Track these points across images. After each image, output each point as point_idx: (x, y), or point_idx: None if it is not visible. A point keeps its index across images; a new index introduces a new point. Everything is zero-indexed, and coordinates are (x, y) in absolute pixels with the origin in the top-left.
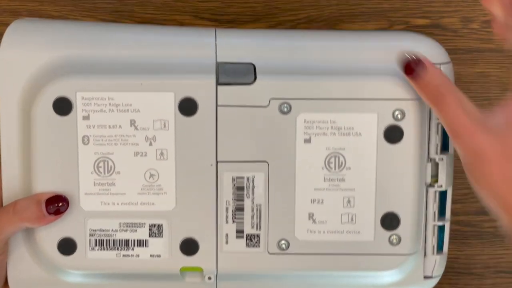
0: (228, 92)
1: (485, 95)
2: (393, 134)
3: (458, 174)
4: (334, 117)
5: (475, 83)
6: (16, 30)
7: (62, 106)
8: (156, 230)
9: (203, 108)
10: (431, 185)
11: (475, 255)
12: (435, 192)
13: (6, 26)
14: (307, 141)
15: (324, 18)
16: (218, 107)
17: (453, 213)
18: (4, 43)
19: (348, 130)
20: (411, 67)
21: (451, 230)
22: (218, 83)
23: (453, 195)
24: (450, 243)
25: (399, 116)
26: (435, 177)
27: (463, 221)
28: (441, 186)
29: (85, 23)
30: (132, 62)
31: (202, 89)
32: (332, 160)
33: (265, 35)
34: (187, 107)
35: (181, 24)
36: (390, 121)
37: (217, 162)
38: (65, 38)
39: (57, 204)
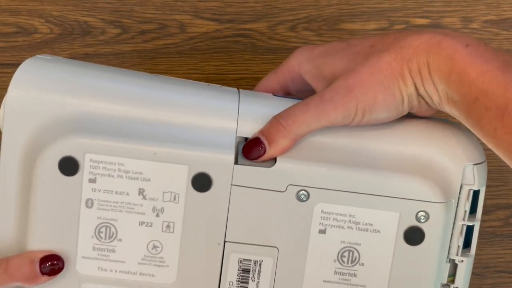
0: (245, 173)
1: None
2: (413, 236)
3: None
4: (353, 211)
5: None
6: (28, 71)
7: (69, 166)
8: None
9: (218, 186)
10: (447, 284)
11: (475, 254)
12: None
13: (6, 26)
14: (322, 231)
15: (324, 18)
16: (232, 186)
17: None
18: (13, 84)
19: (366, 226)
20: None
21: None
22: (236, 162)
23: None
24: None
25: (422, 218)
26: (452, 277)
27: None
28: (457, 287)
29: (105, 71)
30: (148, 127)
31: (219, 166)
32: (346, 254)
33: None
34: (201, 182)
35: (181, 23)
36: (413, 222)
37: (225, 241)
38: (81, 88)
39: (51, 264)
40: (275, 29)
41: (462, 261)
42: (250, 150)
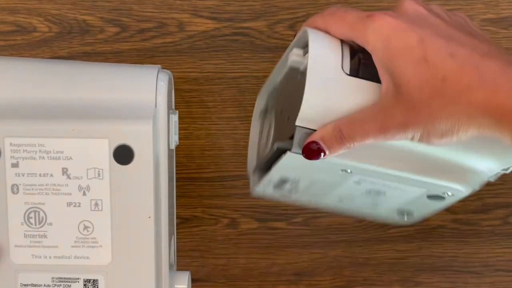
0: None
1: None
2: (123, 154)
3: None
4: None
5: None
6: None
7: None
8: (91, 286)
9: (140, 157)
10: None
11: (474, 253)
12: None
13: (5, 24)
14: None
15: None
16: None
17: (452, 211)
18: None
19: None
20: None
21: (450, 228)
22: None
23: None
24: (449, 241)
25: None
26: None
27: (462, 219)
28: None
29: (14, 60)
30: (64, 105)
31: (139, 136)
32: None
33: None
34: (123, 155)
35: (180, 22)
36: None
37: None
38: None
39: None
40: (274, 27)
41: None
42: (311, 155)
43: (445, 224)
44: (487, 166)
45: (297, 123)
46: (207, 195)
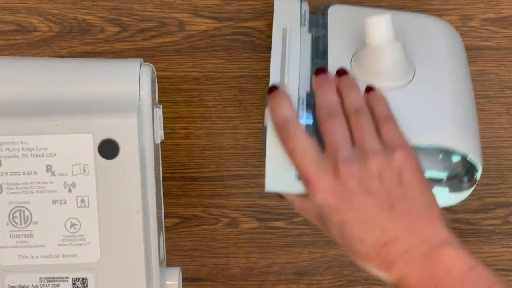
0: None
1: (484, 92)
2: (108, 148)
3: None
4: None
5: (474, 80)
6: None
7: None
8: (80, 285)
9: (125, 150)
10: None
11: (474, 253)
12: None
13: (5, 24)
14: None
15: None
16: None
17: (452, 211)
18: None
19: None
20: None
21: (450, 228)
22: None
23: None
24: None
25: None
26: None
27: (462, 219)
28: None
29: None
30: (45, 101)
31: (123, 129)
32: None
33: None
34: (108, 149)
35: (180, 22)
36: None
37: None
38: None
39: None
40: None
41: None
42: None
43: None
44: None
45: (266, 190)
46: (207, 195)
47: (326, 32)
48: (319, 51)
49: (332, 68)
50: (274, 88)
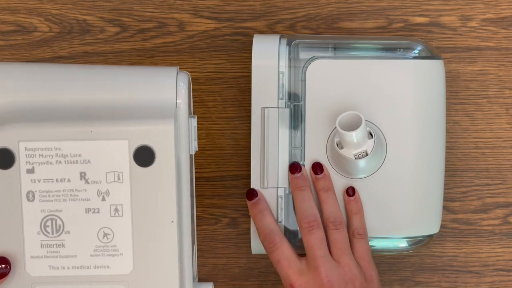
0: None
1: (483, 93)
2: (144, 156)
3: (458, 172)
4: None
5: (474, 81)
6: None
7: (4, 158)
8: None
9: (161, 158)
10: None
11: (474, 253)
12: None
13: (5, 24)
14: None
15: (322, 17)
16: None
17: (451, 211)
18: None
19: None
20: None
21: (449, 228)
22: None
23: (451, 193)
24: (448, 241)
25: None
26: None
27: (462, 219)
28: None
29: (28, 65)
30: (80, 107)
31: (160, 136)
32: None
33: None
34: (144, 156)
35: (180, 22)
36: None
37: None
38: (6, 83)
39: None
40: (274, 27)
41: None
42: None
43: (445, 224)
44: None
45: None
46: (208, 195)
47: (304, 102)
48: (299, 121)
49: (308, 153)
50: (252, 196)
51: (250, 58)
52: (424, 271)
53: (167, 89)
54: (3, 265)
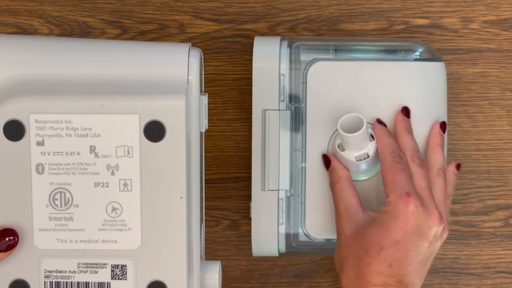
0: None
1: (485, 95)
2: (154, 131)
3: (459, 174)
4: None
5: (475, 83)
6: None
7: (14, 130)
8: (119, 272)
9: (172, 133)
10: None
11: (475, 255)
12: None
13: (6, 26)
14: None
15: (323, 18)
16: None
17: (453, 213)
18: None
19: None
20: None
21: (451, 230)
22: None
23: (453, 195)
24: (450, 243)
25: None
26: None
27: (463, 221)
28: None
29: (41, 39)
30: (92, 80)
31: (171, 112)
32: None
33: None
34: (154, 131)
35: (181, 24)
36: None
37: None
38: (18, 55)
39: (6, 239)
40: (275, 29)
41: None
42: None
43: None
44: None
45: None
46: (208, 197)
47: (305, 105)
48: (300, 123)
49: (309, 155)
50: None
51: (251, 60)
52: None
53: (179, 65)
54: (11, 237)
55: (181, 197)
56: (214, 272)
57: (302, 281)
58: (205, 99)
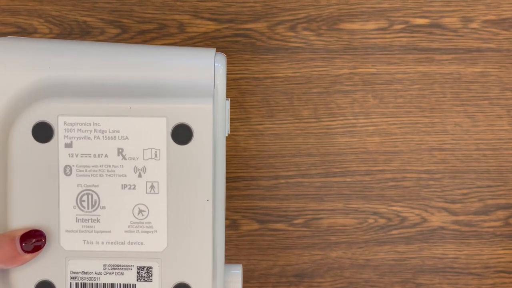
0: None
1: (485, 94)
2: (181, 134)
3: (458, 174)
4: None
5: (475, 82)
6: None
7: (42, 132)
8: (145, 274)
9: (199, 136)
10: None
11: (475, 255)
12: None
13: (6, 26)
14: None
15: (323, 18)
16: None
17: (452, 213)
18: None
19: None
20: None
21: (451, 230)
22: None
23: (452, 195)
24: (450, 243)
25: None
26: None
27: (463, 221)
28: None
29: (70, 42)
30: (120, 83)
31: (198, 115)
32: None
33: None
34: (181, 134)
35: (180, 23)
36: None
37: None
38: (47, 58)
39: (34, 241)
40: (275, 29)
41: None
42: None
43: (446, 226)
44: None
45: None
46: None
47: None
48: None
49: None
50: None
51: (251, 60)
52: (425, 273)
53: (205, 69)
54: (39, 238)
55: (208, 200)
56: (236, 274)
57: (302, 281)
58: (228, 104)
